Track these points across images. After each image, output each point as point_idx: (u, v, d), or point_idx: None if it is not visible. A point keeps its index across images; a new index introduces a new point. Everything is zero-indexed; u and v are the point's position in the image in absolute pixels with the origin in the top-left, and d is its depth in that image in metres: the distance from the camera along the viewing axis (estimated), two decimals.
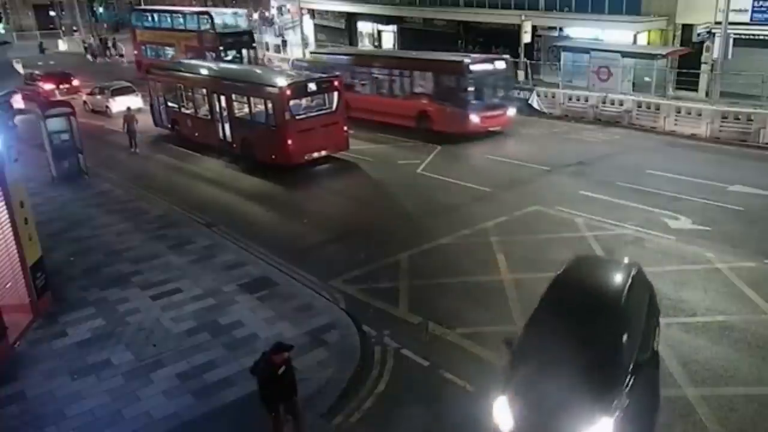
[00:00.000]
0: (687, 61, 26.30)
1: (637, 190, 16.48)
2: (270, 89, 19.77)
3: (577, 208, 15.46)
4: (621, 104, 24.46)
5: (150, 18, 41.84)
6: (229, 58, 35.56)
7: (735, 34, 25.19)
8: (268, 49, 47.90)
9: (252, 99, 20.50)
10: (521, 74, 28.98)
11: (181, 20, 38.70)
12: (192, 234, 14.95)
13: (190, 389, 9.10)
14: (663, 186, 16.63)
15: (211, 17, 36.92)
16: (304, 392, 8.83)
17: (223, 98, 21.53)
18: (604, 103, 24.91)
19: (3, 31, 46.23)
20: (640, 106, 23.91)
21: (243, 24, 38.93)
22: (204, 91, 22.69)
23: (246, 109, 20.87)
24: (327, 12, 47.02)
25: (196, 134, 23.45)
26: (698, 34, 26.83)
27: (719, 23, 24.35)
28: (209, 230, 15.28)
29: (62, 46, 57.03)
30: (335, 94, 20.29)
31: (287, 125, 19.26)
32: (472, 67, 22.36)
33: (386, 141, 23.14)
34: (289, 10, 59.18)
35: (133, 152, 23.23)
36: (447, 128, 22.39)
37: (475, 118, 22.20)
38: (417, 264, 13.05)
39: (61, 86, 34.37)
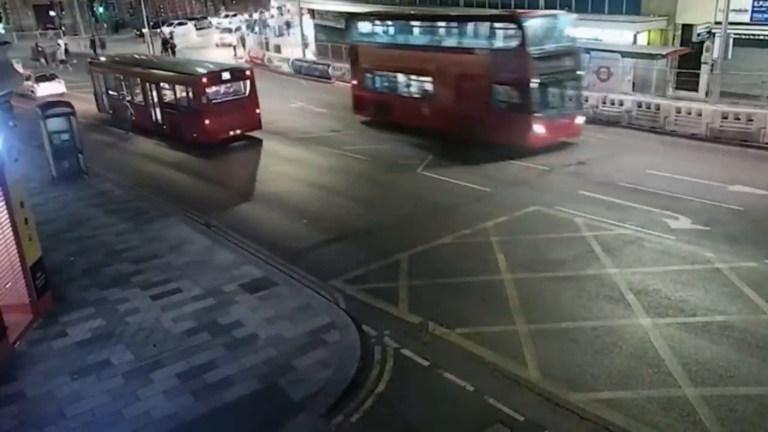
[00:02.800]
0: (687, 61, 26.32)
1: (637, 190, 16.49)
2: (190, 78, 23.25)
3: (577, 208, 15.47)
4: (621, 104, 24.44)
5: (384, 30, 26.29)
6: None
7: (735, 34, 25.23)
8: (268, 49, 47.95)
9: (177, 87, 24.01)
10: None
11: (455, 32, 22.94)
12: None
13: (190, 389, 9.09)
14: (663, 186, 16.64)
15: (521, 26, 19.84)
16: (304, 392, 8.88)
17: (153, 87, 24.95)
18: (604, 103, 24.88)
19: (3, 31, 46.24)
20: (640, 106, 23.90)
21: (567, 38, 21.29)
22: (138, 80, 25.93)
23: (172, 96, 24.27)
24: (327, 12, 47.03)
25: (134, 118, 26.49)
26: (698, 34, 26.85)
27: (719, 23, 24.35)
28: (208, 229, 15.31)
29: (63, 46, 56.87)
30: (248, 81, 23.63)
31: (205, 108, 22.67)
32: None
33: (386, 141, 23.14)
34: (289, 11, 59.46)
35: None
36: None
37: None
38: (417, 264, 13.05)
39: None
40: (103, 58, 31.56)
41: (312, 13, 48.91)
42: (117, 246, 14.37)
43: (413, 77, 23.99)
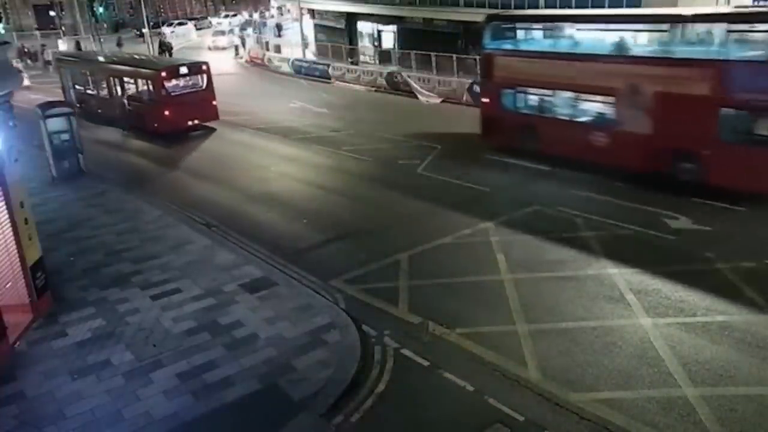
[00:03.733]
0: None
1: (637, 190, 16.47)
2: (150, 73, 25.46)
3: (578, 207, 15.47)
4: None
5: (535, 34, 20.85)
6: None
7: None
8: (268, 49, 47.99)
9: (139, 81, 26.26)
10: None
11: (655, 36, 17.20)
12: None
13: (190, 389, 9.09)
14: (663, 186, 16.61)
15: None
16: (304, 392, 8.88)
17: (117, 81, 27.32)
18: None
19: (3, 32, 46.32)
20: None
21: None
22: (103, 75, 28.42)
23: (135, 89, 26.61)
24: (327, 12, 47.06)
25: (99, 110, 28.53)
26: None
27: None
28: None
29: (62, 46, 56.93)
30: (205, 75, 25.90)
31: (164, 100, 24.91)
32: None
33: (386, 141, 23.14)
34: (289, 11, 59.48)
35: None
36: None
37: None
38: (417, 264, 13.05)
39: None
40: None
41: (312, 13, 48.92)
42: (117, 246, 14.38)
43: (582, 96, 18.10)
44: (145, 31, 51.36)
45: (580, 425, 8.17)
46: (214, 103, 25.87)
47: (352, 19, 44.60)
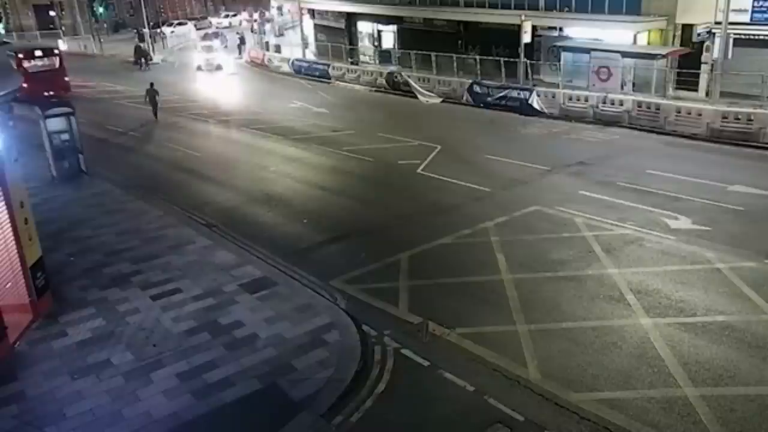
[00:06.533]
0: (687, 61, 26.32)
1: (637, 190, 16.49)
2: (11, 55, 33.70)
3: (577, 208, 15.47)
4: (621, 104, 24.48)
5: None
6: None
7: (735, 34, 25.23)
8: (268, 49, 47.98)
9: None
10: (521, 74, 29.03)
11: None
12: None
13: (190, 389, 9.09)
14: (663, 186, 16.64)
15: None
16: (304, 392, 8.88)
17: None
18: (604, 103, 24.93)
19: (3, 32, 46.35)
20: (640, 106, 23.92)
21: None
22: None
23: None
24: (327, 12, 47.05)
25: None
26: (698, 34, 26.88)
27: (719, 23, 24.37)
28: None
29: (62, 46, 56.82)
30: (58, 58, 33.87)
31: (23, 76, 32.21)
32: None
33: (387, 141, 23.14)
34: (289, 11, 59.45)
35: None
36: None
37: None
38: (417, 264, 13.05)
39: None
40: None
41: (312, 13, 48.92)
42: (117, 246, 14.37)
43: None
44: (145, 31, 51.26)
45: (580, 425, 8.17)
46: (66, 79, 33.75)
47: (352, 19, 44.58)
